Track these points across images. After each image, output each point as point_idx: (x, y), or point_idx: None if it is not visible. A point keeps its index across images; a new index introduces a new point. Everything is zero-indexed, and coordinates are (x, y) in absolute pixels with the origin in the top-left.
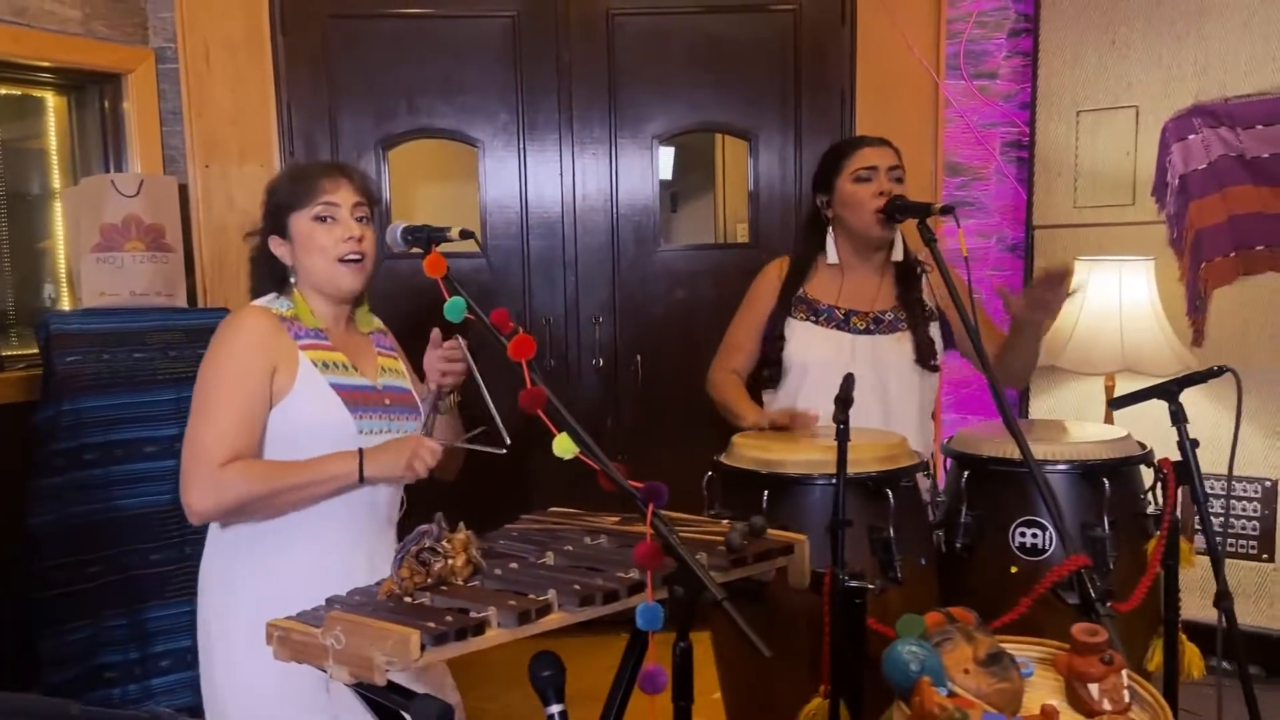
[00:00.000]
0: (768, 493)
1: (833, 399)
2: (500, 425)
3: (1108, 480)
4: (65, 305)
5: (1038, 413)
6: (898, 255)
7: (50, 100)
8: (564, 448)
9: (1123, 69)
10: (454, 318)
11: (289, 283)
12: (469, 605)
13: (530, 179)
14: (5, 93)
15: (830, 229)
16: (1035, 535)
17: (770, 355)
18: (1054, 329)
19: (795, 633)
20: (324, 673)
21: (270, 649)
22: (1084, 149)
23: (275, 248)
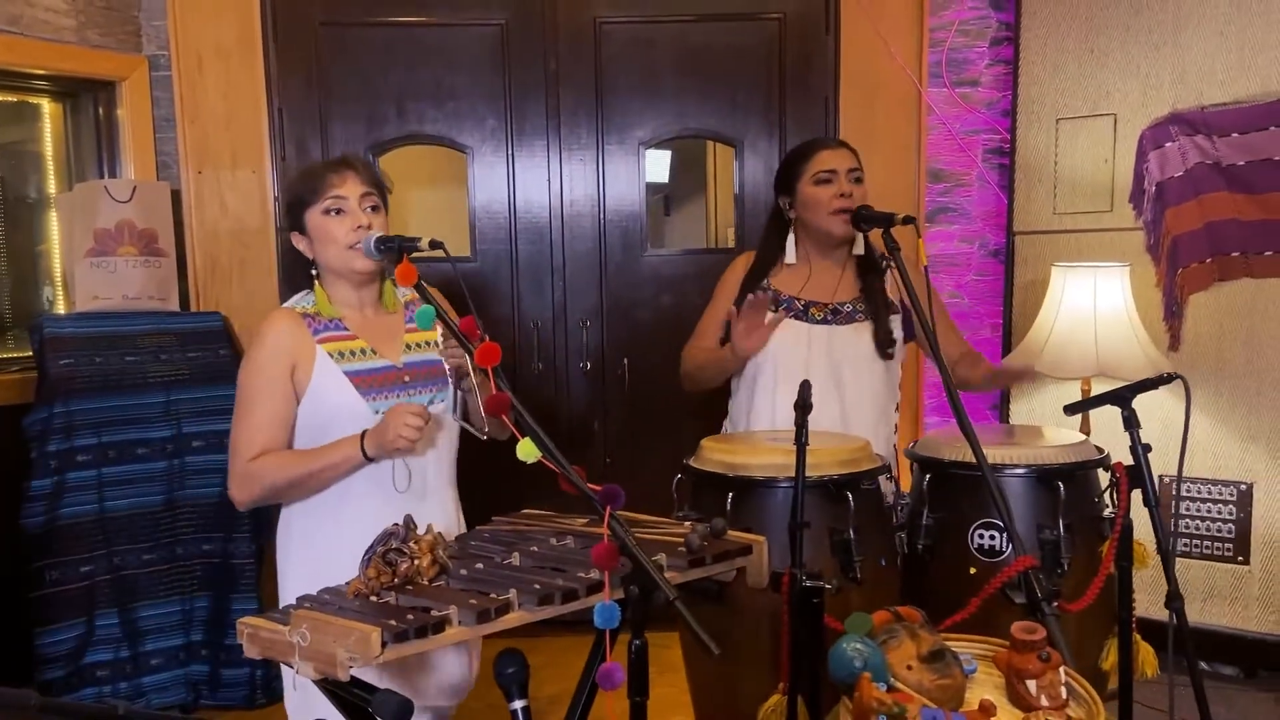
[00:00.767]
0: (732, 495)
1: (789, 386)
2: (481, 411)
3: (1063, 484)
4: (61, 308)
5: (1017, 417)
6: (859, 249)
7: (46, 106)
8: (527, 452)
9: (1102, 77)
10: (424, 325)
11: (313, 276)
12: (431, 604)
13: (519, 184)
14: (1, 99)
15: (792, 229)
16: (993, 537)
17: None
18: (1030, 335)
19: (757, 632)
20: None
21: None
22: (1064, 156)
23: (297, 243)
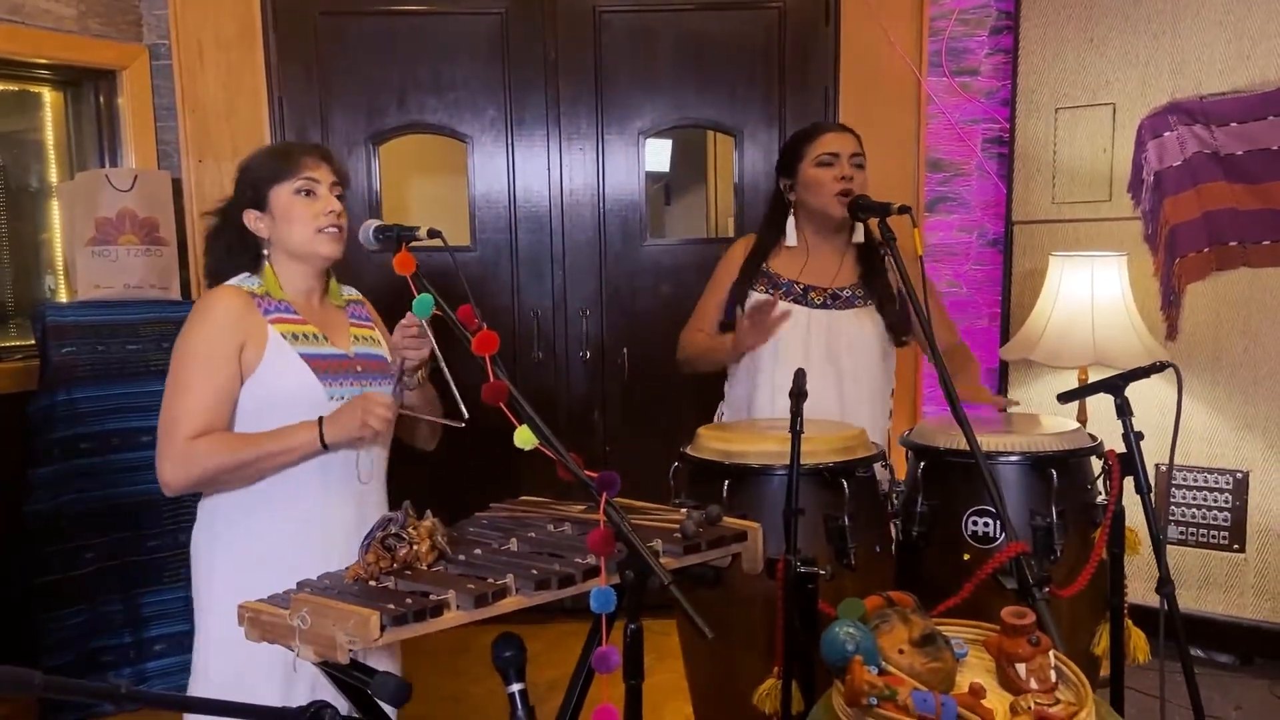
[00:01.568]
0: (729, 482)
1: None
2: (459, 401)
3: (1056, 471)
4: (64, 297)
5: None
6: (859, 237)
7: (47, 96)
8: (524, 439)
9: (1100, 67)
10: (422, 314)
11: (261, 256)
12: (430, 588)
13: (518, 173)
14: (3, 89)
15: (792, 211)
16: (986, 524)
17: (731, 326)
18: (1028, 324)
19: (752, 617)
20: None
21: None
22: (1062, 145)
23: (252, 221)
